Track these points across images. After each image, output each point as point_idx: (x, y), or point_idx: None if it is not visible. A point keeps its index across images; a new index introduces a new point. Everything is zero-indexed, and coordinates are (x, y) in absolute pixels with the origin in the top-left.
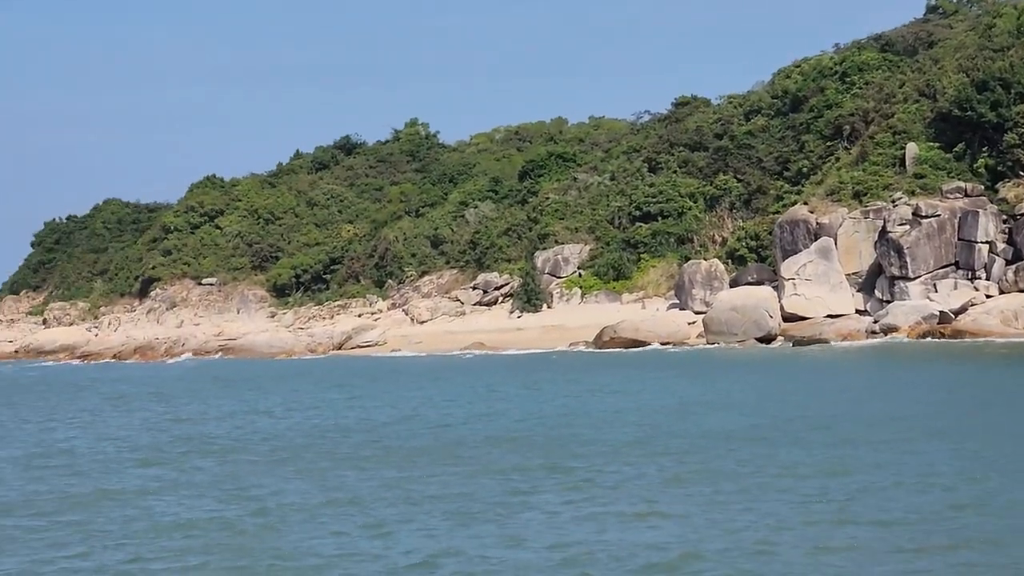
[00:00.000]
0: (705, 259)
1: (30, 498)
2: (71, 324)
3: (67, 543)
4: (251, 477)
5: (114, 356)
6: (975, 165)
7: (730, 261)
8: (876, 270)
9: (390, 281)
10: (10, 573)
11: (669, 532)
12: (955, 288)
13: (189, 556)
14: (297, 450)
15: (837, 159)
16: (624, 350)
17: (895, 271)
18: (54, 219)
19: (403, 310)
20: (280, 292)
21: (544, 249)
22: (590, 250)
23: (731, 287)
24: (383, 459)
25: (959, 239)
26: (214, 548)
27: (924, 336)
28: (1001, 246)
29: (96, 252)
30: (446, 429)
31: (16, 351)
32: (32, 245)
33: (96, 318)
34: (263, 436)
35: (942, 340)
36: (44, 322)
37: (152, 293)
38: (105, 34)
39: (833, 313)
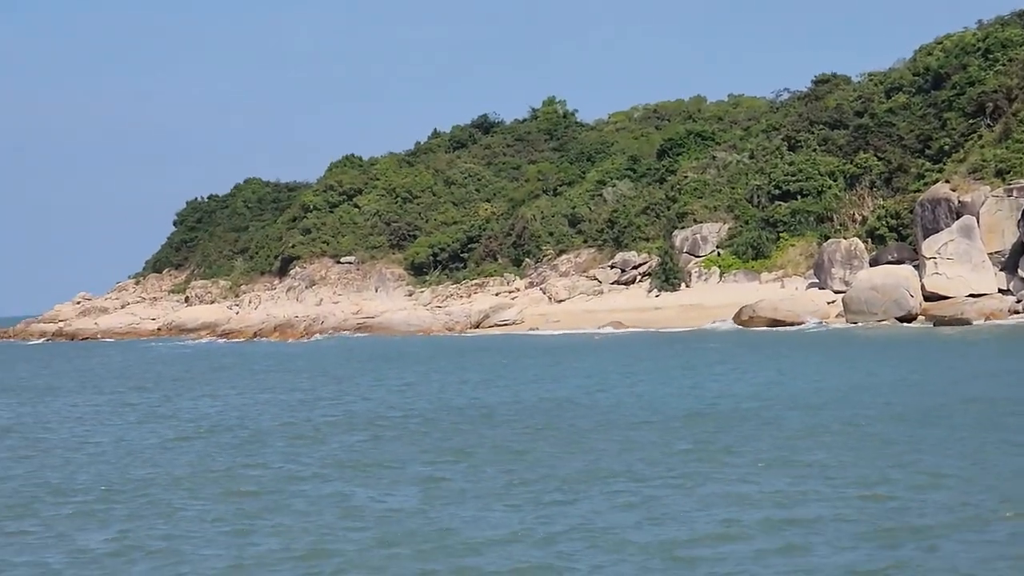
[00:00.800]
0: (845, 238)
1: (188, 474)
2: (212, 302)
3: (222, 518)
4: (402, 456)
5: (254, 334)
6: None
7: (870, 240)
8: (1019, 249)
9: (527, 260)
10: (159, 551)
11: (835, 512)
12: None
13: (351, 533)
14: (445, 430)
15: (980, 137)
16: (763, 329)
17: None
18: (196, 198)
19: (540, 289)
20: (417, 271)
21: (682, 228)
22: (729, 229)
23: (871, 266)
24: (535, 439)
25: None
26: (374, 526)
27: None
28: None
29: (237, 231)
30: (602, 408)
31: (159, 328)
32: (174, 224)
33: (237, 296)
34: (411, 414)
35: None
36: (186, 300)
37: (292, 271)
38: (246, 20)
39: (975, 292)
